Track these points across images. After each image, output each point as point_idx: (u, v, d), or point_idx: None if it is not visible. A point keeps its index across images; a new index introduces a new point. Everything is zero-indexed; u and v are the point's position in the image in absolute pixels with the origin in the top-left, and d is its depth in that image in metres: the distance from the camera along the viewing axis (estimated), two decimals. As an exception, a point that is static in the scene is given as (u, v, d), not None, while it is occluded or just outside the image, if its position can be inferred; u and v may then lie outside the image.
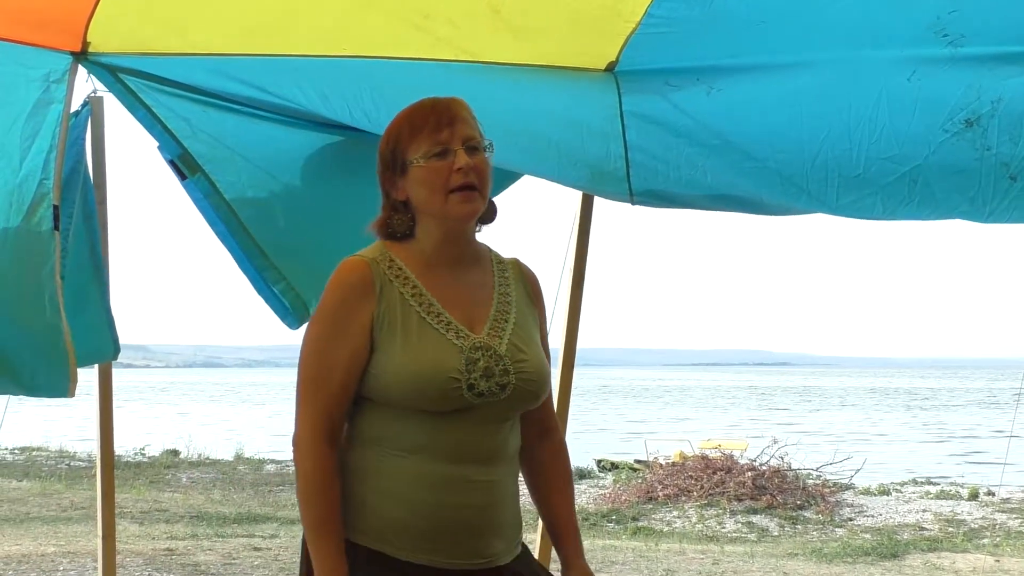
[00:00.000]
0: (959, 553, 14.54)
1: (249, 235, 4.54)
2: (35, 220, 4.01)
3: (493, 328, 3.08)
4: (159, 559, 12.26)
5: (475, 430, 3.00)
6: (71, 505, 17.96)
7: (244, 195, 4.48)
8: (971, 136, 3.76)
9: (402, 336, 2.99)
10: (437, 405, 2.95)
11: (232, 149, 4.46)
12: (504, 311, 3.13)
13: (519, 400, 3.06)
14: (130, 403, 70.91)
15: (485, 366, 2.99)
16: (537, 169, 4.57)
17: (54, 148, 4.01)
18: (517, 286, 3.22)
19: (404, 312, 3.01)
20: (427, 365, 2.95)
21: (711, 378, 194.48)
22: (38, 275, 4.02)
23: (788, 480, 21.20)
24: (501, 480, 3.08)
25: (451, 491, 2.99)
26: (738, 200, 4.50)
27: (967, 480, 24.90)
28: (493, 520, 3.07)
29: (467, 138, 3.04)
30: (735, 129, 4.16)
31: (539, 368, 3.11)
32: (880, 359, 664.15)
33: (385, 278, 3.02)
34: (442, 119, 3.04)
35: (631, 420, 59.75)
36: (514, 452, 3.15)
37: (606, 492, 21.99)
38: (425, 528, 2.99)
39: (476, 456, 3.01)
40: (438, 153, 3.01)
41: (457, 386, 2.95)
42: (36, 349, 4.16)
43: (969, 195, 3.90)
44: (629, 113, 4.28)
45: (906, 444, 46.35)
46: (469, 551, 3.04)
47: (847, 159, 3.98)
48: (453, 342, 2.99)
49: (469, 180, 3.01)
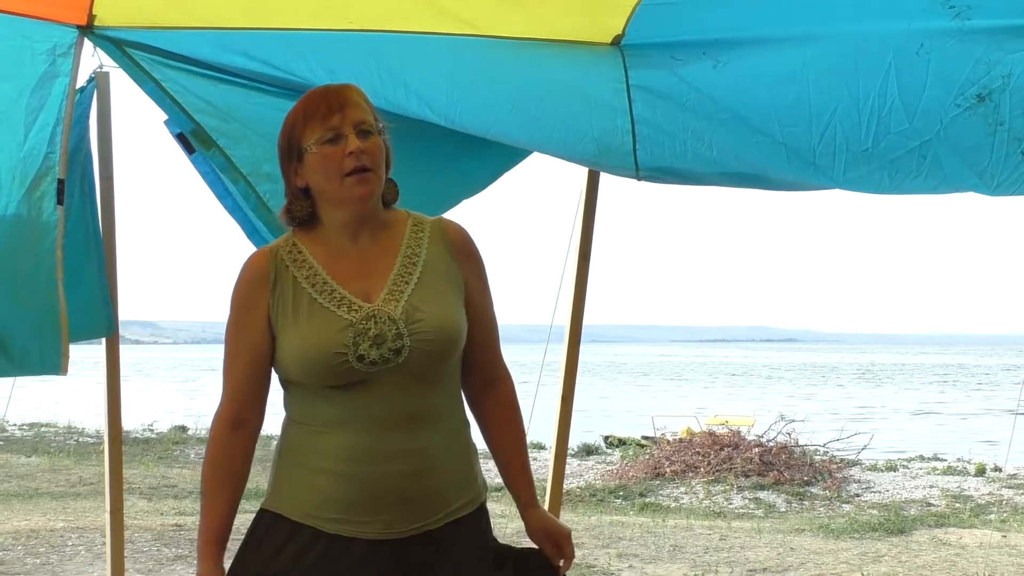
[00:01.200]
0: (966, 529, 14.54)
1: (267, 207, 4.53)
2: (37, 194, 4.01)
3: (390, 293, 3.09)
4: (168, 534, 12.28)
5: (388, 398, 3.04)
6: (80, 481, 18.00)
7: (260, 169, 4.47)
8: (983, 111, 3.75)
9: (293, 319, 3.07)
10: (331, 380, 3.02)
11: (244, 123, 4.46)
12: (407, 272, 3.14)
13: (420, 362, 3.06)
14: (138, 379, 71.05)
15: (376, 333, 3.02)
16: (543, 144, 4.55)
17: (60, 122, 4.01)
18: (433, 245, 3.21)
19: (296, 296, 3.09)
20: (312, 344, 3.02)
21: (718, 354, 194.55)
22: (37, 250, 4.02)
23: (795, 456, 21.21)
24: (431, 446, 3.09)
25: (375, 462, 3.03)
26: (744, 176, 4.49)
27: (974, 456, 24.88)
28: (425, 487, 3.08)
29: (358, 122, 3.09)
30: (742, 103, 4.15)
31: (439, 325, 3.09)
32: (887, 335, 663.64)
33: (282, 264, 3.12)
34: (333, 105, 3.09)
35: (638, 396, 59.77)
36: (446, 413, 3.15)
37: (613, 468, 22.01)
38: (354, 501, 3.04)
39: (394, 424, 3.04)
40: (330, 139, 3.07)
41: (343, 360, 3.00)
42: (29, 325, 4.15)
43: (978, 169, 3.89)
44: (636, 87, 4.27)
45: (913, 420, 46.35)
46: (400, 519, 3.06)
47: (855, 133, 3.97)
48: (343, 316, 3.04)
49: (361, 163, 3.06)
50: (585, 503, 18.22)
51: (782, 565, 11.35)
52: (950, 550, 12.42)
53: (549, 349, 5.42)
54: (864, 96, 3.89)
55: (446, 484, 3.13)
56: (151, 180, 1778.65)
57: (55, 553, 11.03)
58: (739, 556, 11.89)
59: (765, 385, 79.95)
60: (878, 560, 11.69)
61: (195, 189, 11.68)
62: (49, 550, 11.18)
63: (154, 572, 10.25)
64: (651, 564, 11.34)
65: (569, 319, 5.09)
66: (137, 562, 10.50)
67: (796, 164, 4.18)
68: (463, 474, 3.19)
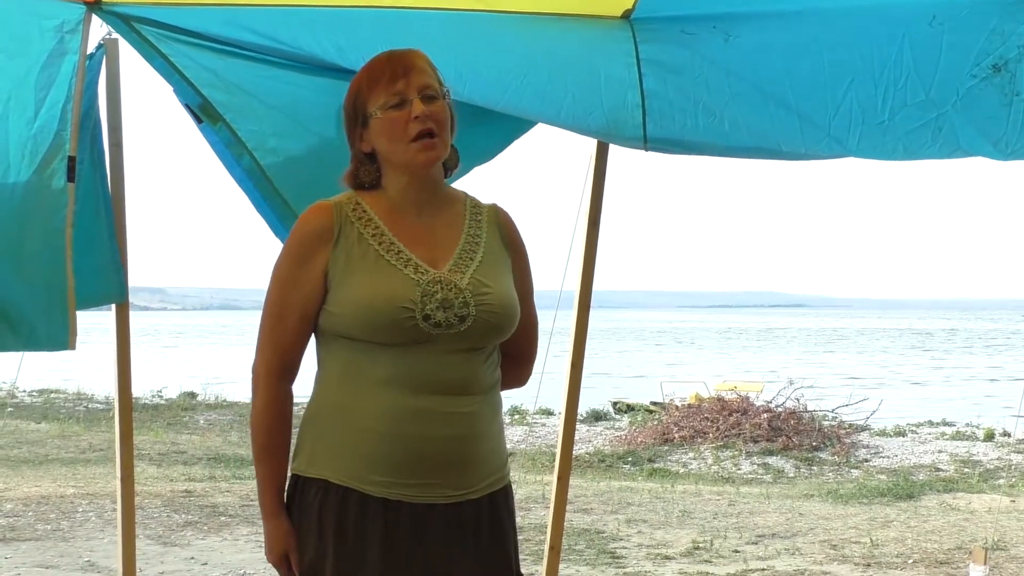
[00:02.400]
0: (974, 494, 14.57)
1: (272, 184, 4.52)
2: (47, 172, 3.99)
3: (456, 265, 3.13)
4: (177, 500, 12.34)
5: (439, 362, 3.06)
6: (89, 447, 18.08)
7: (266, 144, 4.46)
8: (999, 82, 3.73)
9: (359, 272, 3.07)
10: (392, 336, 3.02)
11: (253, 95, 4.44)
12: (471, 250, 3.19)
13: (482, 331, 3.10)
14: (147, 346, 71.24)
15: (443, 297, 3.04)
16: (552, 117, 4.54)
17: (70, 99, 3.99)
18: (490, 229, 3.27)
19: (362, 250, 3.09)
20: (380, 297, 3.02)
21: (727, 320, 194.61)
22: (46, 228, 4.01)
23: (804, 422, 21.26)
24: (475, 412, 3.12)
25: (419, 423, 3.05)
26: (754, 149, 4.48)
27: (983, 421, 24.90)
28: (469, 452, 3.12)
29: (423, 87, 3.10)
30: (757, 75, 4.13)
31: (503, 301, 3.15)
32: (896, 300, 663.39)
33: (347, 219, 3.12)
34: (397, 70, 3.11)
35: (647, 362, 59.85)
36: (490, 385, 3.19)
37: (622, 434, 22.08)
38: (400, 462, 3.05)
39: (443, 387, 3.06)
40: (395, 104, 3.09)
41: (410, 315, 3.01)
42: (37, 303, 4.14)
43: (994, 139, 3.87)
44: (646, 60, 4.24)
45: (923, 385, 46.37)
46: (444, 484, 3.08)
47: (872, 105, 3.95)
48: (410, 276, 3.06)
49: (427, 127, 3.08)
50: (594, 469, 18.27)
51: (791, 530, 11.38)
52: (959, 515, 12.44)
53: (558, 315, 5.40)
54: (879, 68, 3.87)
55: (487, 452, 3.17)
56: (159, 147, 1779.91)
57: (66, 519, 11.08)
58: (747, 521, 11.92)
59: (774, 350, 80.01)
60: (887, 525, 11.71)
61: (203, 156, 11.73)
62: (60, 516, 11.23)
63: (164, 538, 10.30)
64: (660, 529, 11.38)
65: (579, 285, 5.08)
66: (147, 528, 10.55)
67: (811, 135, 4.17)
68: (500, 448, 3.24)
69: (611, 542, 10.64)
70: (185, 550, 9.85)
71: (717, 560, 9.88)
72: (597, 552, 10.12)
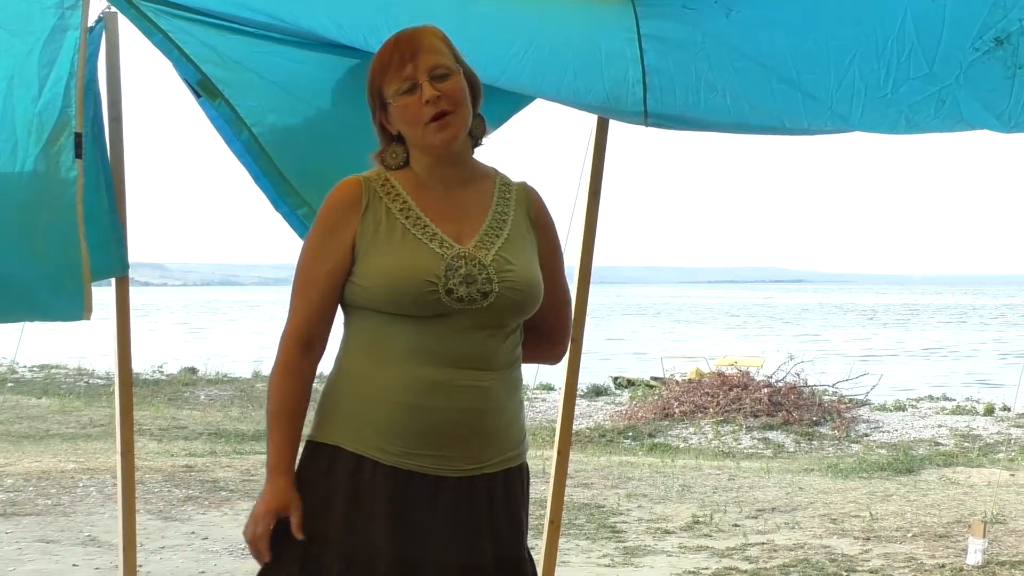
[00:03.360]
0: (974, 468, 14.59)
1: (271, 161, 4.52)
2: (55, 149, 4.00)
3: (482, 241, 3.16)
4: (178, 475, 12.36)
5: (461, 336, 3.09)
6: (90, 422, 18.11)
7: (265, 120, 4.46)
8: (1001, 55, 3.71)
9: (385, 244, 3.11)
10: (415, 309, 3.05)
11: (253, 71, 4.43)
12: (497, 227, 3.22)
13: (504, 309, 3.13)
14: (148, 321, 71.27)
15: (466, 273, 3.08)
16: (553, 93, 4.53)
17: (73, 75, 3.99)
18: (519, 208, 3.30)
19: (389, 223, 3.13)
20: (404, 269, 3.06)
21: (727, 295, 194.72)
22: (57, 205, 4.02)
23: (804, 396, 21.27)
24: (492, 387, 3.14)
25: (436, 395, 3.07)
26: (756, 125, 4.47)
27: (983, 396, 24.92)
28: (486, 426, 3.14)
29: (432, 68, 3.12)
30: (759, 50, 4.10)
31: (527, 279, 3.18)
32: (897, 275, 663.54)
33: (375, 194, 3.16)
34: (405, 54, 3.13)
35: (647, 337, 59.89)
36: (510, 363, 3.20)
37: (622, 409, 22.08)
38: (416, 433, 3.08)
39: (462, 362, 3.09)
40: (407, 90, 3.11)
41: (433, 289, 3.04)
42: (50, 279, 4.16)
43: (997, 112, 3.86)
44: (647, 36, 4.22)
45: (923, 360, 46.42)
46: (460, 457, 3.11)
47: (875, 79, 3.93)
48: (435, 250, 3.10)
49: (440, 109, 3.10)
50: (594, 444, 18.30)
51: (791, 504, 11.40)
52: (958, 489, 12.47)
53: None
54: (882, 42, 3.85)
55: (503, 427, 3.19)
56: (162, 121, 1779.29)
57: (66, 494, 11.10)
58: (748, 496, 11.95)
59: (774, 325, 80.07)
60: (887, 499, 11.74)
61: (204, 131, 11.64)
62: (60, 491, 11.25)
63: (165, 512, 10.32)
64: (660, 504, 11.40)
65: (579, 260, 5.08)
66: (148, 503, 10.57)
67: (813, 110, 4.16)
68: (518, 425, 3.26)
69: (611, 516, 10.66)
70: (186, 525, 9.87)
71: (717, 534, 9.91)
72: (597, 526, 10.14)
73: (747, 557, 8.96)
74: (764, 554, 9.07)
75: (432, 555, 3.10)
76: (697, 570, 8.49)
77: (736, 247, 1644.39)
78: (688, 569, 8.52)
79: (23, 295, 4.22)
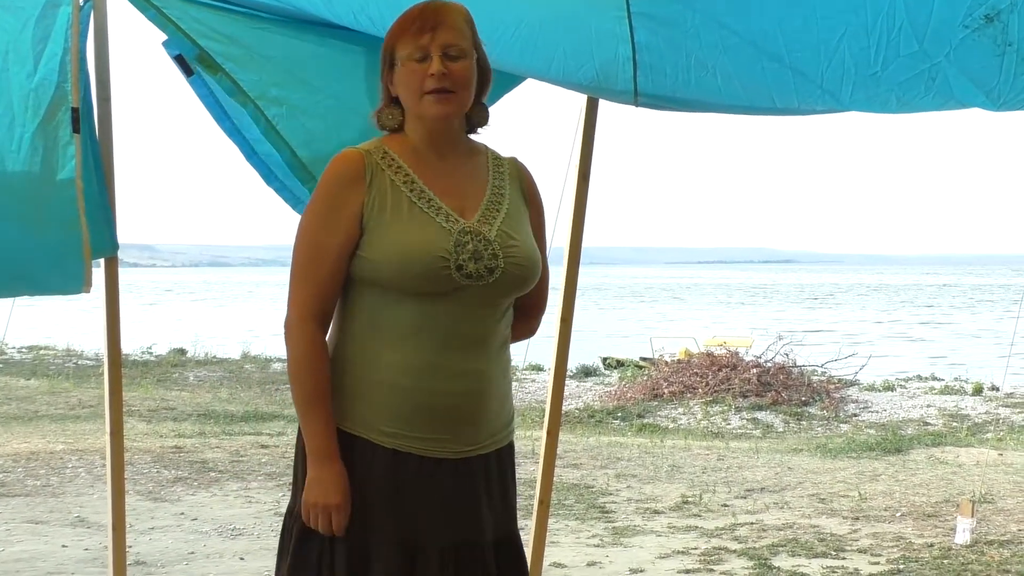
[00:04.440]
0: (963, 447, 14.61)
1: (278, 133, 4.50)
2: (52, 124, 4.01)
3: (484, 216, 3.18)
4: (167, 456, 12.34)
5: (464, 315, 3.10)
6: (79, 403, 18.06)
7: (268, 93, 4.45)
8: (992, 32, 3.70)
9: (393, 218, 3.10)
10: (426, 285, 3.06)
11: (249, 47, 4.42)
12: (496, 202, 3.24)
13: (508, 284, 3.15)
14: (137, 302, 71.18)
15: (474, 248, 3.09)
16: (542, 71, 4.52)
17: (68, 51, 3.99)
18: (512, 182, 3.32)
19: (395, 197, 3.12)
20: (416, 244, 3.06)
21: (716, 275, 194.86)
22: (54, 178, 4.02)
23: (793, 377, 21.30)
24: (488, 369, 3.17)
25: (434, 378, 3.09)
26: (747, 105, 4.46)
27: (971, 376, 24.98)
28: (479, 408, 3.17)
29: (447, 45, 3.14)
30: (749, 27, 4.08)
31: (529, 254, 3.21)
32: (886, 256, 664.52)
33: (377, 167, 3.15)
34: (426, 24, 3.14)
35: (636, 318, 59.92)
36: (503, 342, 3.24)
37: (612, 390, 22.10)
38: (410, 415, 3.10)
39: (464, 343, 3.11)
40: (418, 58, 3.13)
41: (445, 265, 3.05)
42: (50, 250, 4.16)
43: (986, 88, 3.86)
44: (637, 14, 4.20)
45: (912, 340, 46.50)
46: (454, 439, 3.13)
47: (864, 57, 3.92)
48: (442, 225, 3.11)
49: (442, 85, 3.12)
50: (584, 424, 18.32)
51: (779, 484, 11.42)
52: (947, 468, 12.49)
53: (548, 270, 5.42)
54: (872, 19, 3.84)
55: (496, 409, 3.22)
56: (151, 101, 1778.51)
57: (55, 475, 11.08)
58: (737, 476, 11.96)
59: (763, 306, 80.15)
60: (875, 479, 11.76)
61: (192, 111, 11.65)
62: (49, 472, 11.23)
63: (154, 493, 10.31)
64: (649, 484, 11.41)
65: (568, 241, 5.07)
66: (137, 484, 10.56)
67: (803, 88, 4.15)
68: (508, 404, 3.29)
69: (600, 497, 10.67)
70: (175, 506, 9.86)
71: (706, 514, 9.92)
72: (587, 507, 10.14)
73: (736, 537, 8.97)
74: (753, 534, 9.08)
75: (432, 535, 3.12)
76: (686, 550, 8.50)
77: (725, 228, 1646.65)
78: (677, 549, 8.53)
79: (23, 270, 4.22)
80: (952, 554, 8.33)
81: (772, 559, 8.17)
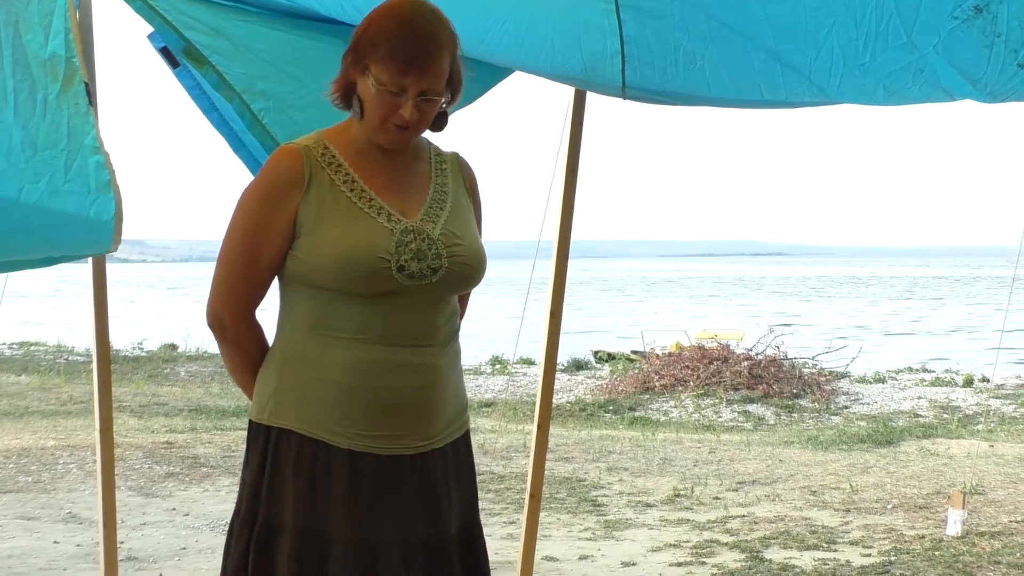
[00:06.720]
0: (953, 439, 14.64)
1: (264, 128, 4.50)
2: (71, 91, 3.99)
3: (427, 214, 3.12)
4: (158, 452, 12.33)
5: (409, 313, 3.05)
6: (70, 399, 18.04)
7: (255, 87, 4.43)
8: (981, 23, 3.70)
9: (331, 220, 3.03)
10: (367, 287, 3.00)
11: (235, 40, 4.41)
12: (440, 199, 3.18)
13: (452, 283, 3.11)
14: (127, 297, 71.09)
15: (416, 248, 3.03)
16: (531, 64, 4.52)
17: (70, 30, 3.98)
18: (455, 178, 3.26)
19: (334, 197, 3.05)
20: (356, 247, 2.99)
21: (706, 268, 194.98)
22: (81, 141, 4.00)
23: (784, 369, 21.30)
24: (438, 363, 3.13)
25: (385, 375, 3.05)
26: (734, 98, 4.47)
27: (962, 367, 25.02)
28: (431, 403, 3.12)
29: (425, 90, 3.02)
30: (737, 19, 4.08)
31: (474, 253, 3.15)
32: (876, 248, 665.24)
33: (316, 165, 3.07)
34: (411, 60, 2.99)
35: (627, 311, 59.94)
36: (451, 335, 3.19)
37: (603, 383, 22.10)
38: (362, 413, 3.05)
39: (412, 339, 3.06)
40: (394, 91, 3.01)
41: (386, 266, 2.99)
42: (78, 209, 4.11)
43: (974, 79, 3.86)
44: (625, 6, 4.19)
45: (903, 332, 46.56)
46: (407, 434, 3.09)
47: (853, 48, 3.92)
48: (384, 225, 3.04)
49: (408, 125, 3.05)
50: (575, 418, 18.31)
51: (771, 477, 11.43)
52: (938, 460, 12.52)
53: (537, 265, 5.41)
54: (861, 11, 3.84)
55: (449, 401, 3.18)
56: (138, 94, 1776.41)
57: (47, 471, 11.07)
58: (728, 469, 11.97)
59: (754, 299, 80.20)
60: (866, 471, 11.78)
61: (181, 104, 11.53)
62: (40, 468, 11.22)
63: (146, 489, 10.30)
64: (640, 477, 11.42)
65: (557, 234, 5.08)
66: (129, 479, 10.56)
67: (792, 80, 4.15)
68: (460, 395, 3.26)
69: (592, 490, 10.67)
70: (167, 501, 9.86)
71: (698, 507, 9.93)
72: (578, 500, 10.15)
73: (728, 530, 8.98)
74: (745, 526, 9.09)
75: (394, 535, 3.08)
76: (678, 543, 8.50)
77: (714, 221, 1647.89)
78: (669, 542, 8.53)
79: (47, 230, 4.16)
80: (943, 545, 8.34)
81: (764, 551, 8.18)
